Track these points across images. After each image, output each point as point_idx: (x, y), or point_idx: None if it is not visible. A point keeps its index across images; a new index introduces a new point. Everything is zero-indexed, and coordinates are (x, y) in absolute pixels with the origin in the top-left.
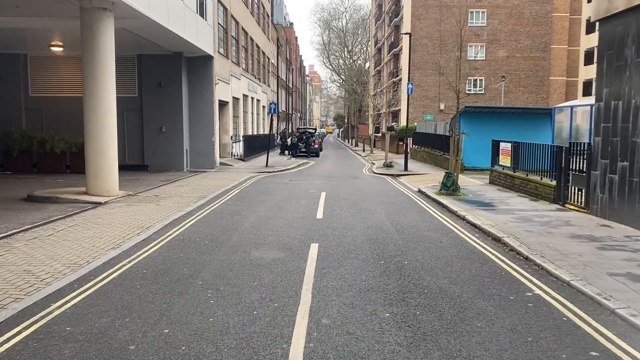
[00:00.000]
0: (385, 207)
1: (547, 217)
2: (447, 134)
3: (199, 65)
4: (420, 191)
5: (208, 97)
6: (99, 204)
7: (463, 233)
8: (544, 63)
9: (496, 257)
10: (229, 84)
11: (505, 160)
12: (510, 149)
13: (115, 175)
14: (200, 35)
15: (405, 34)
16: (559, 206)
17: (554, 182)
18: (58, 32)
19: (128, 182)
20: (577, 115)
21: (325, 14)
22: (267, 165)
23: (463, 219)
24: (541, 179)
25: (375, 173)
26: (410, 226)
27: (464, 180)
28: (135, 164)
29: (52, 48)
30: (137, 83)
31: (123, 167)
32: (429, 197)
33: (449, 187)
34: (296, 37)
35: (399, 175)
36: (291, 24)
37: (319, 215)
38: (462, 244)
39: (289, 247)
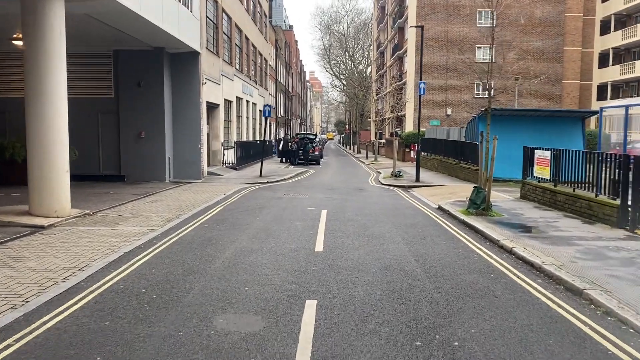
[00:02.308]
0: (404, 233)
1: (624, 251)
2: (463, 139)
3: (183, 62)
4: (441, 208)
5: (194, 98)
6: (41, 228)
7: (518, 277)
8: (556, 65)
9: (590, 327)
10: (220, 84)
11: (542, 172)
12: (549, 157)
13: (65, 190)
14: (184, 27)
15: (417, 26)
16: (626, 232)
17: (616, 201)
18: (16, 21)
19: (94, 197)
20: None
21: (326, 18)
22: (260, 175)
23: (510, 252)
24: (596, 195)
25: (382, 184)
26: (443, 264)
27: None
28: (111, 174)
29: (14, 42)
30: (113, 82)
31: (97, 178)
32: (454, 217)
33: (479, 205)
34: (296, 41)
35: (410, 187)
36: (291, 27)
37: (319, 246)
38: (528, 301)
39: (273, 308)
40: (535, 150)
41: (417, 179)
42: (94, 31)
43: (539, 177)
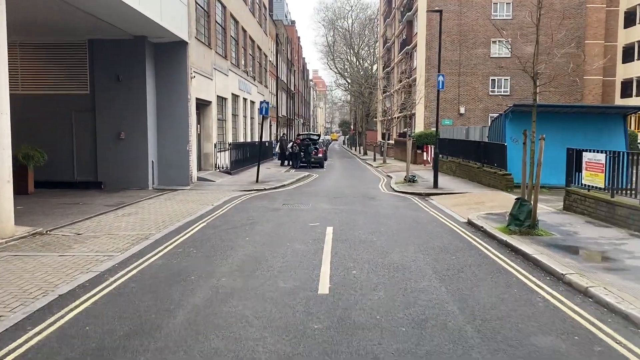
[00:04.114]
0: (433, 261)
1: None
2: (486, 139)
3: (169, 53)
4: (472, 224)
5: (181, 94)
6: None
7: (619, 342)
8: (577, 60)
9: None
10: (212, 79)
11: (593, 178)
12: (604, 161)
13: (6, 205)
14: (167, 12)
15: (435, 11)
16: None
17: None
18: None
19: (58, 209)
20: None
21: (330, 13)
22: (257, 181)
23: (585, 293)
24: None
25: (395, 191)
26: (500, 317)
27: None
28: (86, 180)
29: None
30: (89, 76)
31: (70, 186)
32: (492, 236)
33: (523, 221)
34: (298, 37)
35: (428, 195)
36: (293, 22)
37: (323, 285)
38: None
39: None
40: (584, 153)
41: (435, 185)
42: (63, 17)
43: (589, 185)
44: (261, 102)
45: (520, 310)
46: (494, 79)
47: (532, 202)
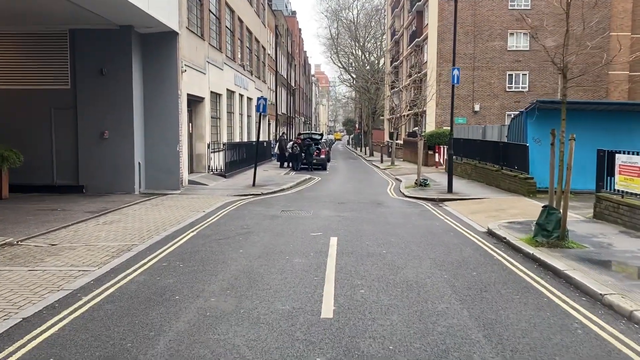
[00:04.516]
0: (452, 278)
1: None
2: (505, 139)
3: (157, 44)
4: (492, 234)
5: (171, 90)
6: None
7: None
8: (601, 54)
9: None
10: (206, 73)
11: (628, 183)
12: None
13: None
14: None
15: None
16: None
17: None
18: None
19: (33, 217)
20: None
21: (334, 4)
22: (254, 185)
23: (629, 317)
24: None
25: (406, 196)
26: (533, 347)
27: (539, 210)
28: (67, 184)
29: None
30: (70, 70)
31: (50, 190)
32: (516, 248)
33: (551, 232)
34: (300, 29)
35: (442, 201)
36: (293, 13)
37: (327, 307)
38: None
39: None
40: (617, 155)
41: (450, 190)
42: (41, 4)
43: (623, 191)
44: (258, 99)
45: (556, 339)
46: (511, 74)
47: (561, 211)
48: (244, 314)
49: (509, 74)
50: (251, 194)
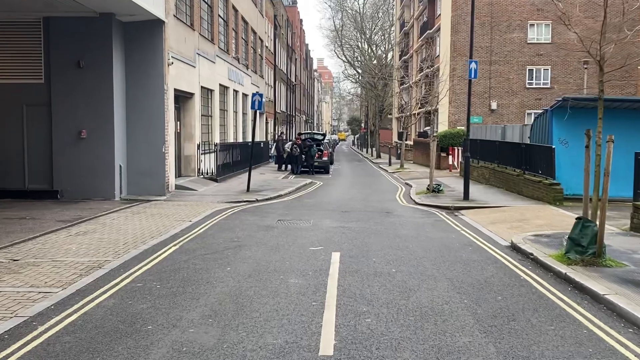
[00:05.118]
0: (474, 304)
1: None
2: (528, 141)
3: (141, 34)
4: (516, 248)
5: (156, 84)
6: None
7: None
8: (631, 47)
9: None
10: (196, 66)
11: None
12: None
13: None
14: None
15: None
16: None
17: None
18: None
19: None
20: None
21: None
22: (248, 190)
23: None
24: None
25: (417, 203)
26: None
27: (568, 221)
28: (40, 189)
29: None
30: (44, 62)
31: (20, 195)
32: (545, 267)
33: (586, 248)
34: (300, 20)
35: (457, 209)
36: (294, 1)
37: (326, 341)
38: None
39: None
40: None
41: (466, 197)
42: None
43: None
44: (253, 95)
45: None
46: (532, 69)
47: (597, 223)
48: (227, 349)
49: (529, 69)
50: (244, 201)
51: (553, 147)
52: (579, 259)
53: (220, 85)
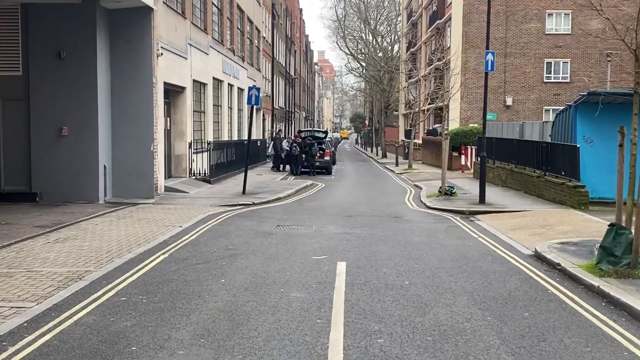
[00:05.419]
0: (498, 322)
1: None
2: (549, 139)
3: (128, 22)
4: (540, 257)
5: (144, 77)
6: None
7: None
8: None
9: None
10: (187, 58)
11: None
12: None
13: None
14: None
15: None
16: None
17: None
18: None
19: None
20: None
21: None
22: (244, 193)
23: None
24: None
25: (428, 207)
26: None
27: (596, 227)
28: (17, 190)
29: None
30: (21, 53)
31: None
32: (576, 279)
33: (620, 258)
34: (300, 9)
35: (473, 213)
36: None
37: None
38: None
39: None
40: None
41: (482, 200)
42: None
43: None
44: (250, 89)
45: None
46: (550, 62)
47: (632, 230)
48: None
49: (547, 62)
50: (240, 204)
51: (578, 146)
52: (612, 270)
53: (214, 78)
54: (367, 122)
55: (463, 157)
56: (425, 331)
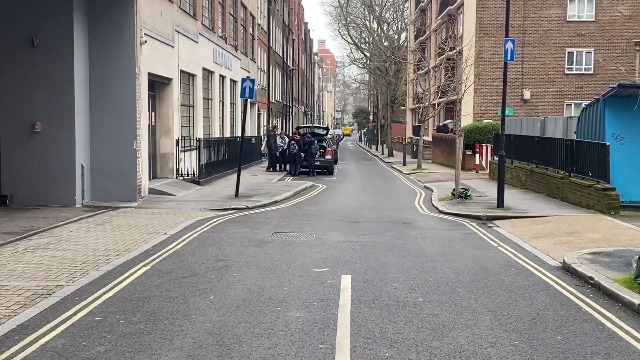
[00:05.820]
0: (528, 347)
1: None
2: (574, 136)
3: (108, 6)
4: (569, 270)
5: (126, 67)
6: None
7: None
8: None
9: None
10: (174, 46)
11: None
12: None
13: None
14: None
15: None
16: None
17: None
18: None
19: None
20: None
21: None
22: (237, 195)
23: None
24: None
25: (441, 211)
26: None
27: (630, 234)
28: None
29: None
30: None
31: None
32: (612, 295)
33: None
34: None
35: (491, 219)
36: None
37: None
38: None
39: None
40: None
41: (500, 204)
42: None
43: None
44: (243, 80)
45: None
46: (572, 52)
47: None
48: None
49: (568, 52)
50: (233, 208)
51: (607, 144)
52: None
53: (203, 69)
54: (371, 117)
55: (477, 156)
56: (444, 358)
